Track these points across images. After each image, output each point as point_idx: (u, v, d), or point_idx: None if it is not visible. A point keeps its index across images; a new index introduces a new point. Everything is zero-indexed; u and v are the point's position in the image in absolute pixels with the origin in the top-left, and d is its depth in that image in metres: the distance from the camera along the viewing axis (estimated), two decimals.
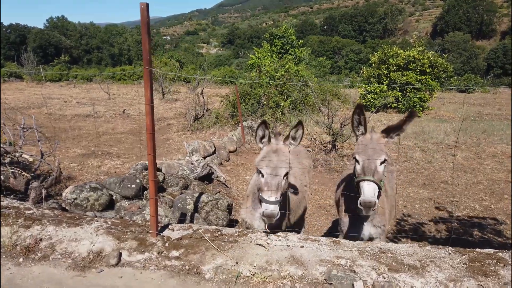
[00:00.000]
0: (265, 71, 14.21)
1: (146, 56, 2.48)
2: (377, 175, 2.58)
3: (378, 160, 2.62)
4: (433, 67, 16.15)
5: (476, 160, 9.19)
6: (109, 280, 2.35)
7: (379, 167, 2.62)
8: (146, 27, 2.44)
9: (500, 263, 2.52)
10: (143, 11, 2.41)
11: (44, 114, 15.40)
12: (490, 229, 5.35)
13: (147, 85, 2.55)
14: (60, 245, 2.62)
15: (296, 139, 2.91)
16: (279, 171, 2.65)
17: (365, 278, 2.40)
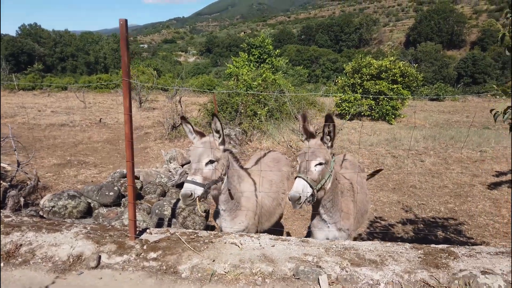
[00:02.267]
0: (242, 80, 14.45)
1: (125, 68, 2.65)
2: (311, 175, 2.82)
3: (312, 162, 2.86)
4: (404, 76, 16.81)
5: (443, 165, 9.66)
6: (89, 281, 2.48)
7: (312, 168, 2.85)
8: (125, 41, 2.61)
9: (451, 256, 2.78)
10: (122, 27, 2.57)
11: (17, 123, 15.11)
12: (452, 229, 5.70)
13: (126, 96, 2.71)
14: (40, 250, 2.72)
15: (218, 131, 3.15)
16: (201, 158, 2.95)
17: (330, 272, 2.61)
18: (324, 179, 2.93)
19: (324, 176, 2.93)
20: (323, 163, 2.91)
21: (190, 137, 3.24)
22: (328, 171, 2.97)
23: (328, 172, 2.97)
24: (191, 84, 30.25)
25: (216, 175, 3.10)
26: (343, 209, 3.26)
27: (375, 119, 17.16)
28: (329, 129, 2.93)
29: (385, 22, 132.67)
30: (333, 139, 3.01)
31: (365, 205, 3.89)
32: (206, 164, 3.03)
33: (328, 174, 2.97)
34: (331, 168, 3.02)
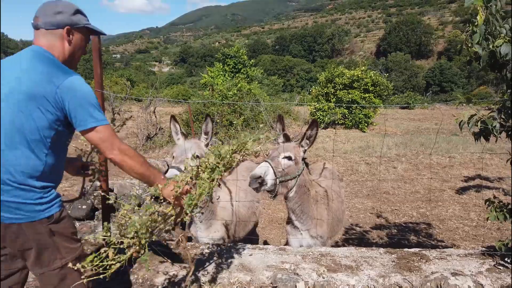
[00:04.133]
0: (218, 90, 14.48)
1: (97, 80, 2.63)
2: (277, 164, 2.91)
3: (282, 153, 2.96)
4: (376, 85, 17.31)
5: (415, 171, 9.95)
6: None
7: (280, 158, 2.95)
8: (98, 53, 2.59)
9: (423, 259, 2.87)
10: (94, 38, 2.56)
11: None
12: (424, 233, 5.87)
13: None
14: None
15: (208, 132, 3.19)
16: (187, 152, 2.92)
17: (307, 279, 2.64)
18: (289, 176, 2.98)
19: (290, 173, 2.99)
20: (292, 159, 2.98)
21: (174, 137, 3.19)
22: (295, 172, 3.02)
23: (295, 173, 3.01)
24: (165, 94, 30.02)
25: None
26: (316, 217, 3.30)
27: (349, 127, 17.52)
28: (311, 134, 3.01)
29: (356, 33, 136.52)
30: (311, 144, 3.08)
31: (341, 213, 3.95)
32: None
33: (295, 174, 3.01)
34: (299, 172, 3.07)
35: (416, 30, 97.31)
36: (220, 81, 18.96)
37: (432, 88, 67.01)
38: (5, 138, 1.61)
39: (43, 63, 1.68)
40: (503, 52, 2.31)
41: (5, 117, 1.62)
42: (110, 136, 1.74)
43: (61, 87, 1.63)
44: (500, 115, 2.58)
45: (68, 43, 1.80)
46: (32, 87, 1.62)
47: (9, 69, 1.69)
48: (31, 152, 1.64)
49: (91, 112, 1.69)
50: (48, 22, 1.73)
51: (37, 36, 1.77)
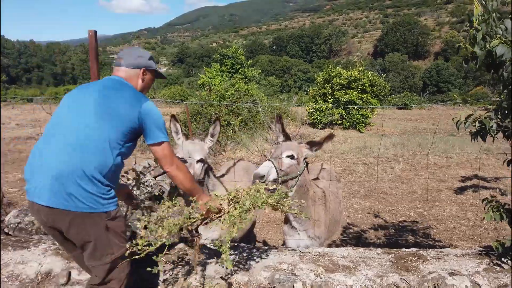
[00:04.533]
0: (215, 91, 14.47)
1: (94, 80, 2.61)
2: (280, 162, 2.91)
3: (284, 152, 2.96)
4: (373, 86, 17.35)
5: (412, 171, 9.98)
6: None
7: (283, 158, 2.95)
8: (94, 52, 2.58)
9: (420, 259, 2.87)
10: (91, 38, 2.55)
11: None
12: (421, 233, 5.88)
13: None
14: (6, 268, 2.61)
15: (214, 135, 3.19)
16: (193, 154, 2.96)
17: (305, 279, 2.64)
18: (290, 176, 2.98)
19: (292, 172, 2.99)
20: (295, 157, 2.99)
21: (175, 137, 3.17)
22: (297, 171, 3.03)
23: (296, 173, 3.02)
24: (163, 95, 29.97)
25: (202, 176, 3.10)
26: (314, 217, 3.31)
27: (346, 128, 17.56)
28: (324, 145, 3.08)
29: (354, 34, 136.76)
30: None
31: (338, 214, 3.95)
32: (197, 162, 3.01)
33: (296, 174, 3.02)
34: (301, 171, 3.08)
35: (413, 30, 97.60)
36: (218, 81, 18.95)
37: (429, 89, 67.22)
38: (89, 137, 1.94)
39: (127, 89, 2.13)
40: (499, 52, 2.32)
41: (94, 122, 1.97)
42: (171, 153, 2.18)
43: (142, 109, 2.06)
44: (496, 115, 2.59)
45: (141, 81, 2.28)
46: (120, 106, 2.03)
47: (98, 88, 2.10)
48: (106, 152, 1.96)
49: (161, 131, 2.13)
50: (130, 63, 2.22)
51: (118, 70, 2.23)
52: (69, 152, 1.90)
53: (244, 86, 15.38)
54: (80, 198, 1.88)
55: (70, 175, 1.87)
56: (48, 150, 1.94)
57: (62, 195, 1.86)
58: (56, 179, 1.86)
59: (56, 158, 1.90)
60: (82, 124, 1.97)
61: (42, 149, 1.97)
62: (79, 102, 2.06)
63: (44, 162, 1.91)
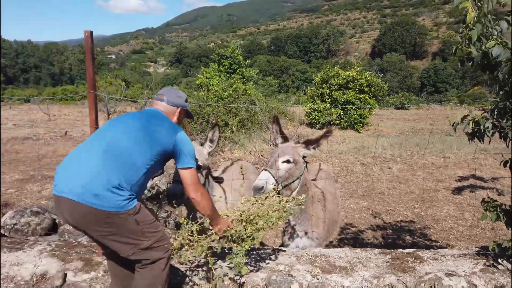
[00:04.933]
0: (213, 91, 14.45)
1: (90, 80, 2.61)
2: (278, 171, 2.93)
3: (280, 158, 2.98)
4: (371, 86, 17.36)
5: (410, 171, 9.98)
6: None
7: (280, 164, 2.96)
8: (91, 53, 2.57)
9: (417, 260, 2.87)
10: (87, 39, 2.54)
11: None
12: (419, 234, 5.89)
13: (92, 109, 2.67)
14: (2, 270, 2.59)
15: (213, 141, 3.23)
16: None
17: (301, 280, 2.64)
18: (291, 179, 2.99)
19: (292, 176, 3.00)
20: (291, 161, 2.99)
21: None
22: (297, 173, 3.03)
23: (297, 174, 3.03)
24: None
25: (201, 181, 3.10)
26: (313, 218, 3.30)
27: (344, 128, 17.56)
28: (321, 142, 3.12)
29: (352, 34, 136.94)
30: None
31: (336, 214, 3.95)
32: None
33: (297, 176, 3.03)
34: (301, 172, 3.08)
35: (410, 31, 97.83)
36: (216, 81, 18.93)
37: (427, 89, 67.38)
38: (126, 152, 2.15)
39: (167, 120, 2.40)
40: (495, 53, 2.32)
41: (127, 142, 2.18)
42: (197, 180, 2.40)
43: (177, 137, 2.31)
44: (492, 115, 2.59)
45: (176, 118, 2.54)
46: (159, 132, 2.28)
47: (138, 117, 2.34)
48: (137, 170, 2.16)
49: (192, 158, 2.37)
50: (171, 101, 2.51)
51: (158, 105, 2.50)
52: (104, 163, 2.08)
53: (242, 86, 15.36)
54: (108, 199, 2.03)
55: (100, 182, 2.03)
56: (86, 157, 2.13)
57: (90, 195, 2.01)
58: (87, 184, 2.03)
59: (91, 166, 2.07)
60: (123, 140, 2.19)
61: (80, 154, 2.17)
62: (124, 122, 2.30)
63: (80, 167, 2.09)
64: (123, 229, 2.11)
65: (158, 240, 2.24)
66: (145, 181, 2.27)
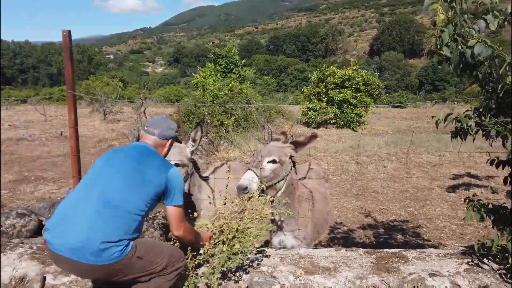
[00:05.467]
0: (208, 90, 14.42)
1: (69, 80, 2.57)
2: (262, 171, 2.94)
3: (266, 158, 2.98)
4: (367, 84, 17.34)
5: (405, 170, 9.96)
6: None
7: (264, 164, 2.97)
8: (69, 52, 2.54)
9: (402, 260, 2.85)
10: (65, 38, 2.51)
11: None
12: (411, 233, 5.87)
13: (71, 109, 2.64)
14: None
15: (195, 140, 3.24)
16: (170, 158, 2.96)
17: (284, 282, 2.61)
18: (276, 179, 2.97)
19: (277, 176, 2.98)
20: (277, 161, 2.99)
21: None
22: (283, 173, 3.02)
23: (283, 175, 3.01)
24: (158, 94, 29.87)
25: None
26: (300, 218, 3.28)
27: (341, 127, 17.54)
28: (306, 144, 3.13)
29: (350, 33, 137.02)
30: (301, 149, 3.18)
31: (326, 214, 3.92)
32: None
33: (283, 176, 3.01)
34: (287, 172, 3.07)
35: (409, 29, 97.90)
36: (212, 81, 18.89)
37: (425, 87, 67.40)
38: (113, 205, 2.08)
39: (155, 156, 2.33)
40: (477, 51, 2.29)
41: (121, 191, 2.13)
42: (182, 217, 2.36)
43: (168, 174, 2.26)
44: (475, 114, 2.57)
45: (166, 149, 2.50)
46: (148, 172, 2.22)
47: (128, 157, 2.27)
48: (133, 218, 2.12)
49: (181, 195, 2.34)
50: (162, 134, 2.43)
51: (147, 138, 2.42)
52: (101, 218, 2.03)
53: (238, 86, 15.33)
54: (107, 254, 2.00)
55: (98, 239, 1.98)
56: (80, 211, 2.06)
57: (88, 253, 1.97)
58: (83, 242, 1.97)
59: (87, 222, 2.01)
60: (116, 191, 2.12)
61: (75, 208, 2.08)
62: (114, 167, 2.22)
63: (75, 224, 2.01)
64: (130, 269, 2.11)
65: (170, 257, 2.26)
66: (141, 225, 2.24)
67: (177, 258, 2.33)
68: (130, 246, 2.09)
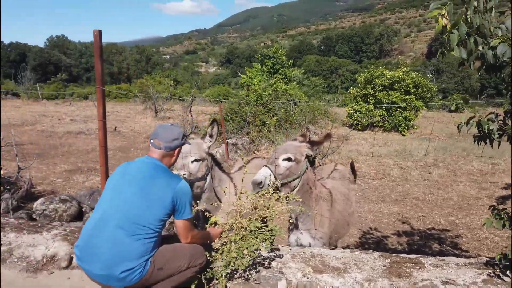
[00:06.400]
0: (253, 90, 14.61)
1: (98, 77, 2.80)
2: (278, 168, 2.96)
3: (281, 156, 3.01)
4: (417, 87, 16.61)
5: (451, 177, 9.46)
6: (57, 281, 2.60)
7: (280, 161, 3.00)
8: (99, 51, 2.76)
9: (417, 266, 2.77)
10: (96, 37, 2.73)
11: (36, 131, 15.70)
12: (448, 242, 5.59)
13: (100, 103, 2.85)
14: (18, 250, 2.87)
15: (212, 136, 3.35)
16: (188, 155, 3.16)
17: (291, 278, 2.65)
18: (291, 177, 3.01)
19: (292, 174, 3.01)
20: (292, 159, 3.02)
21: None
22: (298, 171, 3.05)
23: (298, 173, 3.04)
24: (207, 94, 30.71)
25: (200, 173, 3.25)
26: (316, 217, 3.29)
27: (388, 130, 16.96)
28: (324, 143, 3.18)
29: (407, 33, 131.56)
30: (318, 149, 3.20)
31: (348, 216, 3.87)
32: (192, 162, 3.20)
33: (298, 175, 3.04)
34: (303, 171, 3.09)
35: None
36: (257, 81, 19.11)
37: (487, 91, 62.97)
38: (128, 229, 2.17)
39: (162, 172, 2.37)
40: (500, 52, 2.19)
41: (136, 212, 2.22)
42: (190, 228, 2.44)
43: (176, 190, 2.31)
44: (497, 117, 2.44)
45: (175, 157, 2.53)
46: (159, 191, 2.28)
47: (136, 173, 2.34)
48: (148, 239, 2.21)
49: (190, 209, 2.40)
50: (168, 146, 2.42)
51: (154, 152, 2.44)
52: (116, 247, 2.14)
53: (282, 86, 15.37)
54: (131, 277, 2.15)
55: (117, 271, 2.12)
56: (100, 239, 2.17)
57: (114, 279, 2.13)
58: (106, 271, 2.12)
59: (105, 253, 2.13)
60: (129, 211, 2.21)
61: (95, 236, 2.19)
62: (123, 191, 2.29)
63: (96, 255, 2.14)
64: (154, 279, 2.25)
65: (191, 256, 2.40)
66: (160, 238, 2.34)
67: (199, 255, 2.46)
68: (149, 264, 2.21)
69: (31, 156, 10.78)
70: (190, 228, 2.44)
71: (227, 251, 2.58)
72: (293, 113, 13.53)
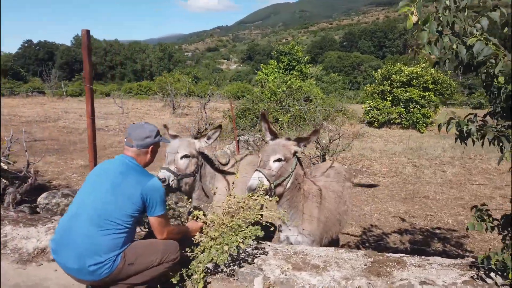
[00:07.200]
0: (267, 87, 14.62)
1: (87, 75, 2.90)
2: (268, 170, 2.95)
3: (271, 157, 3.00)
4: (436, 83, 16.19)
5: (466, 176, 9.23)
6: (45, 272, 2.73)
7: (271, 164, 2.99)
8: (87, 50, 2.86)
9: (398, 265, 2.76)
10: (83, 37, 2.83)
11: (58, 127, 16.23)
12: (453, 242, 5.48)
13: (88, 101, 2.97)
14: (12, 242, 3.03)
15: (210, 138, 3.44)
16: (179, 149, 3.23)
17: (269, 275, 2.69)
18: (283, 177, 3.03)
19: (284, 173, 3.04)
20: (282, 159, 3.03)
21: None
22: (289, 170, 3.07)
23: (289, 171, 3.06)
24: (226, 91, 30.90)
25: (189, 170, 3.32)
26: (305, 213, 3.30)
27: (405, 127, 16.64)
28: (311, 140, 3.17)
29: None
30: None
31: (339, 214, 3.85)
32: (181, 158, 3.28)
33: (288, 173, 3.06)
34: (293, 168, 3.11)
35: None
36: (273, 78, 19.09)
37: None
38: (99, 224, 2.25)
39: (134, 170, 2.44)
40: (476, 50, 2.15)
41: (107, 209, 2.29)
42: (164, 225, 2.50)
43: (145, 187, 2.36)
44: (476, 117, 2.40)
45: (150, 155, 2.57)
46: (128, 187, 2.34)
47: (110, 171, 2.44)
48: (117, 234, 2.29)
49: (162, 205, 2.45)
50: (140, 144, 2.49)
51: (128, 150, 2.51)
52: (87, 241, 2.23)
53: (297, 83, 15.31)
54: (101, 270, 2.23)
55: (87, 263, 2.21)
56: (72, 233, 2.27)
57: (86, 272, 2.22)
58: (78, 265, 2.21)
59: (77, 247, 2.23)
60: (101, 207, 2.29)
61: (68, 229, 2.30)
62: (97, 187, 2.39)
63: (69, 250, 2.24)
64: (125, 274, 2.32)
65: (164, 252, 2.45)
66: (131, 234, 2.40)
67: (172, 250, 2.50)
68: (119, 259, 2.28)
69: (50, 151, 11.19)
70: (164, 224, 2.49)
71: (208, 246, 2.64)
72: (307, 110, 13.46)
